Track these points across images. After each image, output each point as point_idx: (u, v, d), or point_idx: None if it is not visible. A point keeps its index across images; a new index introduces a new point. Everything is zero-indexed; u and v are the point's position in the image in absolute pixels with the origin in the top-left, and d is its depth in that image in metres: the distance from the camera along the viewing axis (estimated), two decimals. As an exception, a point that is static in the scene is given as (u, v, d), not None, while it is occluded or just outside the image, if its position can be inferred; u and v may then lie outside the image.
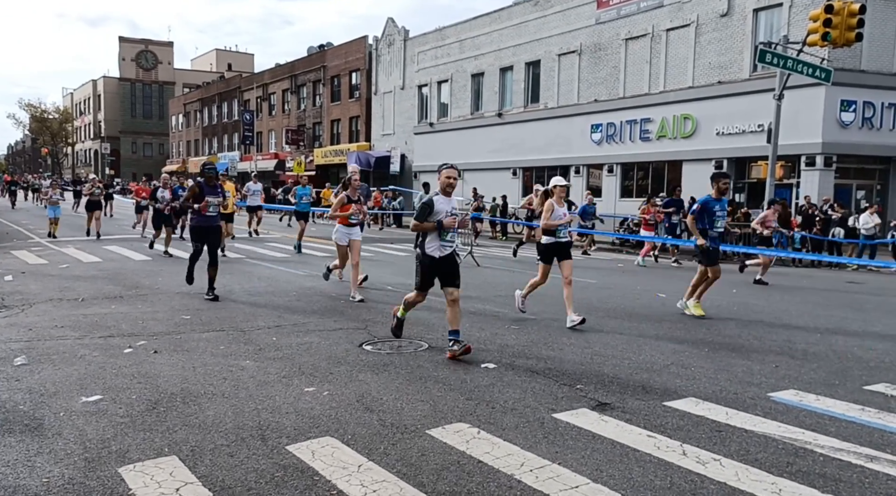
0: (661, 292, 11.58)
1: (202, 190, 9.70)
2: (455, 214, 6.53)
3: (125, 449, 4.10)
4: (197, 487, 3.60)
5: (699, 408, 5.08)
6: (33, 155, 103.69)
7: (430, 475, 3.81)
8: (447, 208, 6.51)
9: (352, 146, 42.72)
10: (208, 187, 9.78)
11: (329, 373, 5.85)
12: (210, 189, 9.77)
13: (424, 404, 5.07)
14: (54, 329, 7.50)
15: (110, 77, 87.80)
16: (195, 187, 9.80)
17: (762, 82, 21.48)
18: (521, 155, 31.34)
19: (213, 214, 9.79)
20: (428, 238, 6.55)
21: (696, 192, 22.83)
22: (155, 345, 6.77)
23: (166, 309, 8.86)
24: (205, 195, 9.66)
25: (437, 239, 6.52)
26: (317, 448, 4.15)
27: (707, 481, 3.79)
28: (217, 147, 62.29)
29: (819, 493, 3.66)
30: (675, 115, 25.05)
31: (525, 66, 31.52)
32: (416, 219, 6.57)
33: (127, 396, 5.12)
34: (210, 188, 9.79)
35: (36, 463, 3.88)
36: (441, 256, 6.55)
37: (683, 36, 24.97)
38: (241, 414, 4.76)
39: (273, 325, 7.90)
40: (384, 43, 40.88)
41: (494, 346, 7.04)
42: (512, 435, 4.45)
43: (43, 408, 4.82)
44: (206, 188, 9.75)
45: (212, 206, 9.70)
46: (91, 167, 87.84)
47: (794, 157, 21.56)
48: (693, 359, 6.72)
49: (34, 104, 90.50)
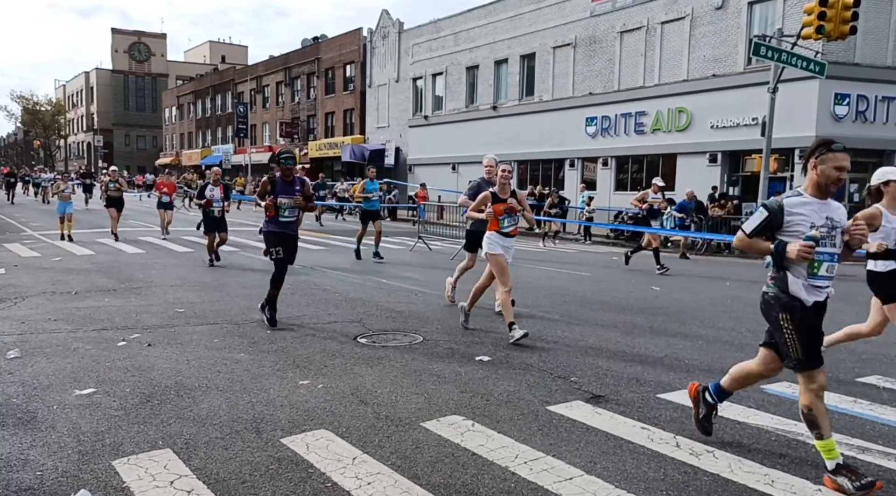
0: (655, 286, 11.61)
1: (275, 186, 7.48)
2: None
3: (119, 442, 4.09)
4: (191, 480, 3.59)
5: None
6: (25, 147, 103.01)
7: (424, 467, 3.82)
8: None
9: (346, 139, 42.60)
10: (283, 183, 7.49)
11: (324, 366, 5.85)
12: (285, 186, 7.49)
13: (419, 397, 5.07)
14: (47, 322, 7.47)
15: (103, 69, 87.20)
16: (268, 182, 7.57)
17: (756, 75, 21.49)
18: (515, 148, 31.29)
19: (289, 219, 7.56)
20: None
21: (691, 185, 22.91)
22: (149, 339, 6.75)
23: (160, 302, 8.83)
24: (276, 193, 7.43)
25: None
26: (311, 441, 4.15)
27: (700, 473, 3.81)
28: (211, 140, 62.02)
29: (811, 485, 3.69)
30: (670, 108, 25.04)
31: (520, 58, 31.44)
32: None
33: (121, 389, 5.11)
34: (286, 184, 7.49)
35: (29, 456, 3.87)
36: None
37: (678, 29, 24.95)
38: (236, 407, 4.76)
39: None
40: (379, 35, 40.71)
41: (489, 339, 7.05)
42: (506, 427, 4.46)
43: (36, 402, 4.80)
44: (281, 184, 7.48)
45: (285, 209, 7.45)
46: (84, 159, 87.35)
47: (788, 151, 21.60)
48: (687, 351, 6.74)
49: (26, 96, 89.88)
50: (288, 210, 7.47)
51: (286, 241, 7.58)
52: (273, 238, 7.57)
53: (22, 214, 25.75)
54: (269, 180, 7.51)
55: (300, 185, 7.67)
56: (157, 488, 3.49)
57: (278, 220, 7.47)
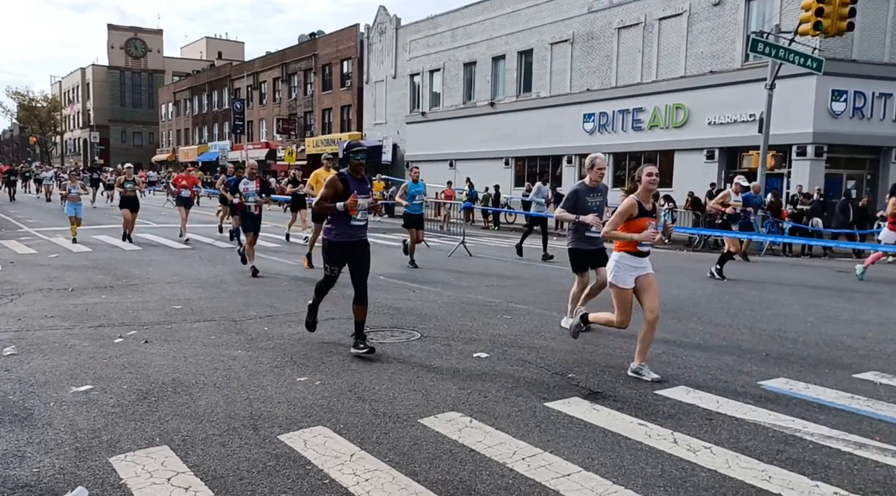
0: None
1: (348, 184, 6.17)
2: None
3: (116, 439, 4.08)
4: (188, 477, 3.59)
5: (690, 397, 5.11)
6: (21, 144, 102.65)
7: (422, 464, 3.81)
8: None
9: (343, 135, 42.52)
10: (356, 181, 6.24)
11: (321, 363, 5.84)
12: (358, 183, 6.26)
13: (417, 393, 5.07)
14: (44, 319, 7.45)
15: (99, 65, 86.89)
16: (337, 180, 6.19)
17: (754, 72, 21.50)
18: (513, 144, 31.30)
19: (361, 223, 6.30)
20: None
21: (689, 182, 22.93)
22: (146, 335, 6.74)
23: (157, 298, 8.81)
24: (350, 192, 6.10)
25: None
26: (309, 437, 4.14)
27: (698, 469, 3.81)
28: (207, 136, 61.88)
29: (808, 481, 3.69)
30: (668, 104, 25.05)
31: (517, 55, 31.41)
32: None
33: (118, 386, 5.09)
34: (358, 182, 6.26)
35: (26, 453, 3.86)
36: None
37: (676, 25, 24.94)
38: (233, 403, 4.75)
39: (265, 315, 7.88)
40: (376, 31, 40.63)
41: (486, 336, 7.05)
42: (504, 424, 4.46)
43: (33, 399, 4.79)
44: (353, 182, 6.22)
45: (359, 211, 6.20)
46: (80, 156, 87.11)
47: (785, 147, 21.63)
48: (684, 348, 6.75)
49: (22, 92, 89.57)
50: (362, 212, 6.23)
51: (358, 250, 6.29)
52: (339, 250, 6.25)
53: (18, 211, 25.69)
54: (340, 178, 6.16)
55: (370, 182, 6.70)
56: (154, 485, 3.49)
57: (350, 223, 6.18)
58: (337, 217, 6.18)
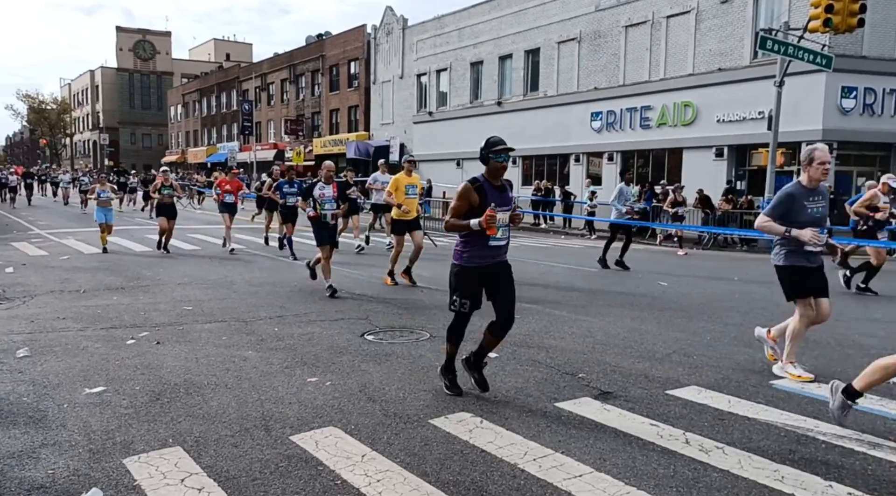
0: (662, 281, 11.58)
1: (485, 195, 4.86)
2: None
3: (130, 440, 4.11)
4: (202, 478, 3.61)
5: (702, 397, 5.09)
6: (31, 146, 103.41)
7: (433, 464, 3.82)
8: None
9: (351, 136, 42.60)
10: (494, 189, 4.94)
11: (331, 364, 5.86)
12: (497, 192, 4.95)
13: (427, 394, 5.08)
14: (56, 321, 7.51)
15: (108, 67, 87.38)
16: (471, 191, 4.87)
17: (763, 69, 21.37)
18: (520, 143, 31.05)
19: (501, 242, 5.02)
20: None
21: (698, 179, 22.84)
22: (157, 337, 6.78)
23: (168, 300, 8.86)
24: (488, 203, 4.80)
25: None
26: (320, 438, 4.16)
27: (710, 469, 3.80)
28: (216, 137, 62.11)
29: (822, 481, 3.67)
30: (676, 102, 24.95)
31: (524, 54, 31.36)
32: None
33: (130, 387, 5.13)
34: (497, 191, 4.96)
35: (41, 454, 3.89)
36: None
37: (684, 23, 24.83)
38: (245, 404, 4.77)
39: (275, 316, 7.91)
40: (383, 32, 40.66)
41: (496, 336, 7.04)
42: (515, 424, 4.46)
43: (47, 400, 4.83)
44: (491, 191, 4.92)
45: (499, 227, 4.88)
46: (90, 158, 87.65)
47: (794, 144, 21.46)
48: (695, 347, 6.73)
49: (32, 95, 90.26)
50: (503, 229, 4.95)
51: (499, 276, 5.06)
52: (476, 277, 5.01)
53: (30, 213, 25.85)
54: (475, 186, 4.87)
55: (510, 189, 5.30)
56: (167, 486, 3.51)
57: (488, 243, 4.89)
58: (471, 236, 4.91)
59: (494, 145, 4.88)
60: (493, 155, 4.88)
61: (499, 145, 4.88)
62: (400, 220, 10.67)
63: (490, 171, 4.94)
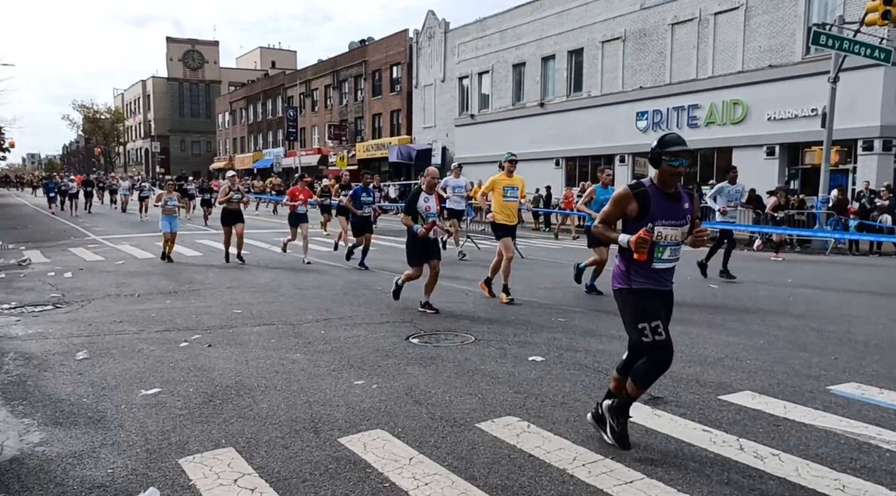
0: (712, 283, 11.32)
1: (648, 205, 3.98)
2: None
3: (184, 440, 4.21)
4: (254, 478, 3.67)
5: (756, 402, 4.96)
6: (87, 154, 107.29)
7: (481, 469, 3.81)
8: None
9: (393, 140, 42.92)
10: (664, 198, 4.03)
11: (377, 366, 5.90)
12: (667, 202, 4.03)
13: (473, 397, 5.07)
14: (113, 324, 7.75)
15: (159, 77, 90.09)
16: (630, 197, 4.02)
17: (816, 65, 20.74)
18: (563, 144, 30.97)
19: (668, 265, 4.10)
20: None
21: (748, 179, 22.27)
22: (209, 339, 6.93)
23: (218, 303, 9.06)
24: (649, 215, 3.97)
25: None
26: (368, 440, 4.19)
27: (766, 476, 3.69)
28: (262, 144, 63.40)
29: (887, 491, 3.53)
30: (725, 100, 24.39)
31: (567, 54, 31.11)
32: None
33: (184, 389, 5.26)
34: (667, 200, 4.03)
35: (100, 454, 4.02)
36: None
37: (732, 19, 24.27)
38: (294, 406, 4.84)
39: (321, 319, 8.01)
40: (425, 36, 40.87)
41: (541, 339, 6.99)
42: (563, 429, 4.41)
43: (105, 401, 4.99)
44: (661, 200, 4.01)
45: (665, 248, 4.03)
46: (142, 165, 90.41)
47: (850, 142, 20.77)
48: (748, 351, 6.55)
49: (87, 105, 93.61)
50: (670, 249, 4.02)
51: (669, 298, 4.19)
52: (651, 299, 4.04)
53: (86, 220, 26.77)
54: (635, 193, 3.98)
55: (689, 200, 4.12)
56: (221, 486, 3.58)
57: (651, 265, 4.01)
58: (627, 254, 3.99)
59: (670, 145, 3.97)
60: (668, 158, 3.94)
61: (675, 146, 3.96)
62: (504, 226, 9.57)
63: (661, 177, 4.00)
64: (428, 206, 8.27)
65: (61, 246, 16.84)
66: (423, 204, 8.23)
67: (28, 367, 5.90)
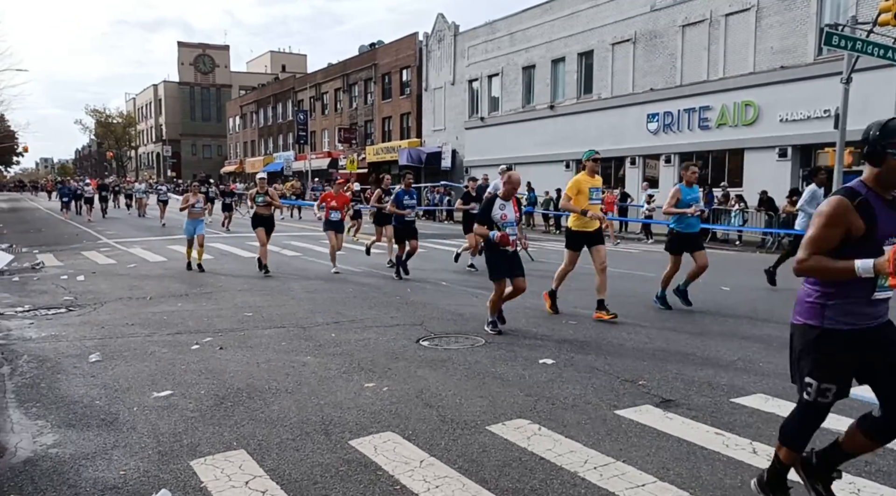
0: (724, 285, 11.25)
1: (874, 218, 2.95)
2: None
3: (196, 442, 4.22)
4: (265, 481, 3.68)
5: (769, 405, 4.92)
6: (99, 159, 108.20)
7: (492, 471, 3.80)
8: None
9: (403, 143, 42.97)
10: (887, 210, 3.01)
11: (388, 369, 5.90)
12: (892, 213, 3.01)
13: (483, 400, 5.05)
14: (125, 326, 7.80)
15: (170, 81, 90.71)
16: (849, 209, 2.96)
17: (828, 66, 20.59)
18: (573, 147, 30.84)
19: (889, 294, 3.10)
20: None
21: (760, 181, 22.15)
22: (220, 342, 6.96)
23: (229, 306, 9.10)
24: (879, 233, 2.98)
25: None
26: (379, 443, 4.19)
27: (780, 481, 3.65)
28: (273, 147, 63.66)
29: (902, 495, 3.49)
30: (736, 102, 24.26)
31: (577, 56, 31.06)
32: None
33: (196, 391, 5.28)
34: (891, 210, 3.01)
35: (113, 456, 4.04)
36: None
37: (743, 20, 24.15)
38: (305, 409, 4.85)
39: (332, 322, 8.02)
40: (434, 39, 40.93)
41: (552, 342, 6.97)
42: (574, 431, 4.39)
43: (117, 403, 5.02)
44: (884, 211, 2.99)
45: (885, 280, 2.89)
46: (154, 169, 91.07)
47: (864, 143, 20.59)
48: (761, 354, 6.50)
49: (99, 110, 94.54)
50: None
51: (885, 338, 3.19)
52: (849, 347, 3.12)
53: (99, 223, 26.96)
54: (855, 203, 2.97)
55: None
56: (233, 488, 3.59)
57: (873, 296, 3.10)
58: (844, 284, 3.05)
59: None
60: (894, 151, 2.91)
61: None
62: (579, 233, 8.51)
63: (885, 177, 2.97)
64: (504, 215, 7.41)
65: (74, 249, 16.98)
66: (498, 212, 7.40)
67: (41, 369, 5.95)
